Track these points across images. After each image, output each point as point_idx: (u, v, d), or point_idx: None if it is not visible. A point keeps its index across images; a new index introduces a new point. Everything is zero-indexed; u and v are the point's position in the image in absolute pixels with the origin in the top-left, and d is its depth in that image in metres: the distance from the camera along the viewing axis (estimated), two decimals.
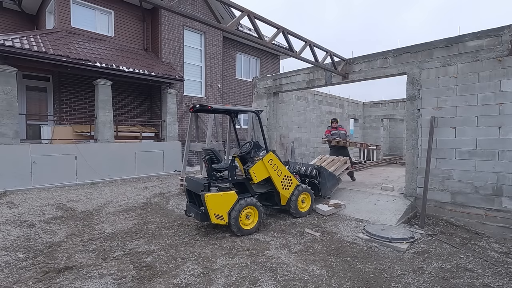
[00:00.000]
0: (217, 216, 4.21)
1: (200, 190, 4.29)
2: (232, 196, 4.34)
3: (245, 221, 4.44)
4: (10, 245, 4.01)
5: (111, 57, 9.88)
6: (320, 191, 5.88)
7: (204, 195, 4.13)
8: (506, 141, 4.69)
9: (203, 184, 4.31)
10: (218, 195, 4.23)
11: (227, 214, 4.27)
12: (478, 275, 3.32)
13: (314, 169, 5.97)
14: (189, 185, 4.77)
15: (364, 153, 15.20)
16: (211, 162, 4.70)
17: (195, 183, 4.53)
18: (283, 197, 5.10)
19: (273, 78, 8.75)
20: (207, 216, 4.18)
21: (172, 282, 3.07)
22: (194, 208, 4.48)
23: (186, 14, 3.83)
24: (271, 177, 4.89)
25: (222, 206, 4.24)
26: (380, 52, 6.26)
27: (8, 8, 11.63)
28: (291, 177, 5.16)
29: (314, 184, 5.86)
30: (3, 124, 7.47)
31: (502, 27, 4.72)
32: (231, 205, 4.29)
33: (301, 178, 5.90)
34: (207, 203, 4.12)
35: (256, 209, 4.53)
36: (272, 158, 4.90)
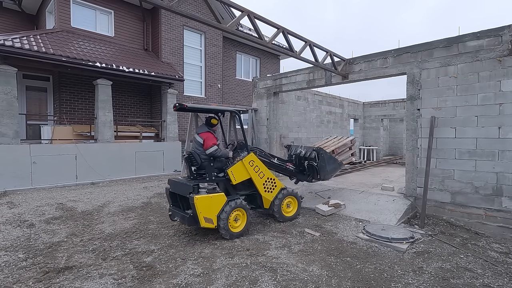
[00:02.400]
0: (206, 219, 4.03)
1: (189, 192, 4.08)
2: (221, 198, 4.18)
3: (233, 223, 4.30)
4: (10, 245, 4.01)
5: (111, 57, 9.88)
6: (319, 174, 5.62)
7: (194, 197, 3.92)
8: (506, 141, 4.69)
9: (192, 186, 4.09)
10: (208, 197, 4.05)
11: (216, 217, 4.11)
12: (478, 275, 3.32)
13: (313, 151, 5.67)
14: (173, 187, 4.55)
15: (364, 153, 15.22)
16: (191, 163, 4.55)
17: (181, 185, 4.33)
18: (265, 200, 4.92)
19: (273, 78, 8.75)
20: (196, 219, 4.01)
21: (172, 282, 3.07)
22: (179, 212, 4.34)
23: (186, 14, 3.83)
24: (252, 179, 4.70)
25: (211, 208, 4.06)
26: (380, 52, 6.26)
27: (8, 8, 11.62)
28: (275, 179, 5.00)
29: (313, 167, 5.61)
30: (3, 124, 7.47)
31: (502, 27, 4.73)
32: (220, 207, 4.13)
33: (300, 162, 5.74)
34: (196, 206, 3.92)
35: (245, 211, 4.42)
36: (253, 159, 4.70)
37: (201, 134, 4.64)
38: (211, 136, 4.63)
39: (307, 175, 5.74)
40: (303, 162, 5.72)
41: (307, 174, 5.73)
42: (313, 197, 6.58)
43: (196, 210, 3.94)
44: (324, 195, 6.58)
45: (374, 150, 15.08)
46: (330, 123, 13.15)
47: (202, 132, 4.67)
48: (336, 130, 13.56)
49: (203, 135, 4.62)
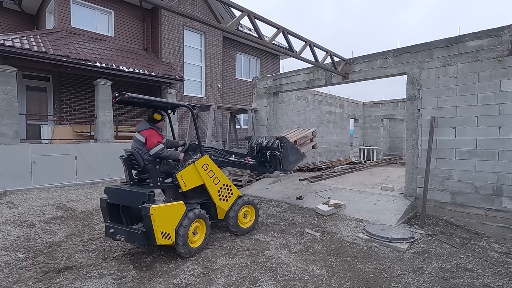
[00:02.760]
0: (164, 234, 3.33)
1: (141, 202, 3.35)
2: (180, 208, 3.55)
3: (192, 237, 3.70)
4: (10, 245, 4.01)
5: (111, 57, 9.88)
6: (282, 165, 5.22)
7: (150, 208, 3.22)
8: (506, 141, 4.69)
9: (146, 194, 3.37)
10: (166, 208, 3.39)
11: (174, 231, 3.45)
12: (478, 275, 3.32)
13: (276, 139, 5.27)
14: (114, 197, 3.68)
15: (364, 153, 15.22)
16: (131, 166, 3.91)
17: (128, 194, 3.55)
18: (220, 210, 4.31)
19: (273, 78, 8.75)
20: (151, 236, 3.29)
21: (172, 282, 3.07)
22: (124, 228, 3.56)
23: (186, 14, 3.83)
24: (206, 185, 4.12)
25: (169, 221, 3.42)
26: (380, 52, 6.26)
27: (8, 8, 11.62)
28: (231, 186, 4.42)
29: (275, 157, 5.20)
30: (3, 124, 7.47)
31: (502, 27, 4.73)
32: (179, 219, 3.51)
33: (261, 153, 5.31)
34: (153, 219, 3.22)
35: (204, 222, 3.86)
36: (207, 163, 4.13)
37: (142, 132, 3.97)
38: (155, 133, 3.99)
39: (269, 166, 5.28)
40: (264, 152, 5.28)
41: (268, 165, 5.28)
42: (313, 197, 6.58)
43: (152, 224, 3.23)
44: (324, 195, 6.58)
45: (374, 150, 15.08)
46: (330, 123, 13.16)
47: (144, 129, 3.98)
48: (336, 130, 13.57)
49: (145, 132, 3.95)
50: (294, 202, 6.46)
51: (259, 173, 5.56)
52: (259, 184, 8.10)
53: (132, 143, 4.01)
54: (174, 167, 4.11)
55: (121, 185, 3.94)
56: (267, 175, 8.66)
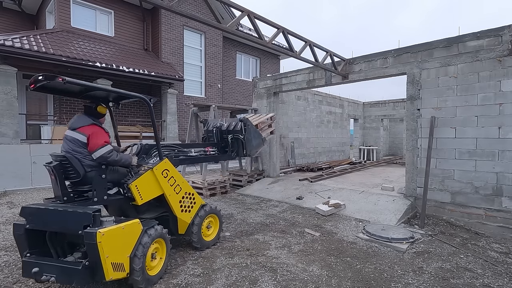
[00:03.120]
0: (116, 266, 2.54)
1: (83, 226, 2.48)
2: (136, 228, 2.79)
3: (150, 263, 2.99)
4: (10, 245, 4.01)
5: (111, 57, 9.88)
6: (245, 149, 4.73)
7: (97, 233, 2.40)
8: (506, 141, 4.69)
9: (90, 215, 2.50)
10: (118, 230, 2.59)
11: (129, 259, 2.68)
12: (478, 275, 3.32)
13: (240, 121, 4.74)
14: (36, 221, 2.64)
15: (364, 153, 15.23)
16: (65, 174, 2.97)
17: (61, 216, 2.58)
18: (181, 223, 3.64)
19: (273, 78, 8.75)
20: (96, 270, 2.47)
21: (172, 282, 3.07)
22: (54, 263, 2.56)
23: (186, 14, 3.83)
24: (166, 195, 3.43)
25: (122, 247, 2.63)
26: (380, 52, 6.26)
27: (8, 8, 11.62)
28: (194, 194, 3.78)
29: (238, 141, 4.71)
30: (3, 124, 7.47)
31: (502, 27, 4.73)
32: (135, 242, 2.75)
33: (221, 137, 4.79)
34: (101, 248, 2.41)
35: (165, 242, 3.19)
36: (168, 168, 3.46)
37: (82, 129, 3.07)
38: (100, 130, 3.19)
39: (230, 151, 4.77)
40: (225, 136, 4.76)
41: (230, 150, 4.76)
42: (313, 197, 6.59)
43: (100, 255, 2.42)
44: (324, 195, 6.58)
45: (374, 150, 15.08)
46: (330, 123, 13.16)
47: (84, 126, 3.09)
48: (336, 130, 13.57)
49: (86, 129, 3.07)
50: (294, 202, 6.46)
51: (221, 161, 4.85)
52: (259, 184, 8.10)
53: (63, 145, 3.11)
54: (125, 175, 3.31)
55: (47, 202, 2.96)
56: (267, 175, 8.66)
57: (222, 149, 4.82)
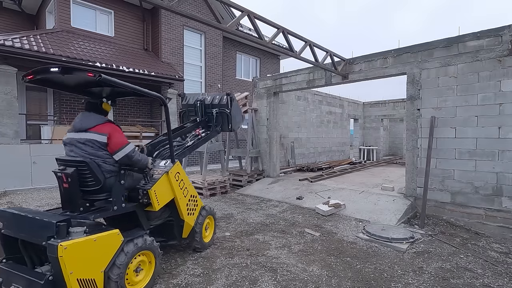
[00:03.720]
0: (84, 283, 2.29)
1: (47, 237, 2.23)
2: (115, 239, 2.53)
3: (133, 278, 2.72)
4: None
5: (111, 57, 9.88)
6: (231, 123, 4.49)
7: (58, 246, 2.13)
8: (506, 141, 4.69)
9: (54, 224, 2.23)
10: (89, 242, 2.33)
11: (102, 274, 2.42)
12: (478, 275, 3.32)
13: (227, 95, 4.48)
14: (10, 227, 2.49)
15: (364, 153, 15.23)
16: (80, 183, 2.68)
17: (28, 223, 2.39)
18: (187, 227, 3.51)
19: (273, 78, 8.75)
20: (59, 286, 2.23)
21: (172, 282, 3.07)
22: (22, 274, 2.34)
23: (186, 14, 3.83)
24: (176, 199, 3.31)
25: (94, 261, 2.38)
26: (380, 52, 6.26)
27: (8, 8, 11.62)
28: (196, 196, 3.71)
29: (223, 115, 4.43)
30: (3, 124, 7.46)
31: (502, 27, 4.73)
32: (112, 255, 2.49)
33: (205, 111, 4.47)
34: (62, 262, 2.15)
35: (153, 255, 2.90)
36: (179, 171, 3.39)
37: (96, 128, 2.76)
38: (118, 128, 2.92)
39: (213, 126, 4.46)
40: (210, 111, 4.47)
41: (214, 125, 4.45)
42: (313, 197, 6.59)
43: (61, 270, 2.16)
44: (324, 195, 6.58)
45: (374, 150, 15.08)
46: (330, 123, 13.16)
47: (99, 125, 2.78)
48: (336, 130, 13.58)
49: (102, 128, 2.78)
50: (294, 202, 6.46)
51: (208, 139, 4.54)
52: (259, 184, 8.10)
53: (72, 149, 2.77)
54: (139, 179, 3.11)
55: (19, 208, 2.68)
56: (267, 175, 8.66)
57: (205, 124, 4.50)
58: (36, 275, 2.30)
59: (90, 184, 2.70)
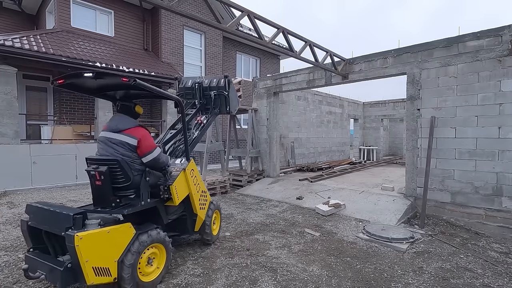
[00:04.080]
0: (99, 270, 2.49)
1: (65, 228, 2.44)
2: (126, 232, 2.72)
3: (145, 269, 2.88)
4: (10, 245, 4.01)
5: (111, 57, 9.88)
6: (229, 105, 4.57)
7: (74, 236, 2.34)
8: (506, 141, 4.69)
9: (71, 217, 2.46)
10: (102, 233, 2.53)
11: (116, 264, 2.60)
12: (478, 275, 3.32)
13: (224, 77, 4.59)
14: (36, 219, 2.73)
15: (364, 153, 15.23)
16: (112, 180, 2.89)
17: (50, 216, 2.62)
18: (199, 221, 3.72)
19: (273, 78, 8.75)
20: (78, 273, 2.43)
21: (172, 282, 3.07)
22: (46, 262, 2.55)
23: (186, 14, 3.83)
24: (191, 194, 3.53)
25: (108, 251, 2.56)
26: (380, 52, 6.26)
27: (8, 8, 11.62)
28: (206, 192, 3.95)
29: (221, 97, 4.50)
30: (3, 124, 7.46)
31: (502, 27, 4.73)
32: (125, 246, 2.67)
33: (203, 94, 4.52)
34: (79, 251, 2.36)
35: (165, 247, 3.07)
36: (193, 168, 3.63)
37: (129, 131, 3.01)
38: (147, 132, 3.18)
39: (212, 108, 4.51)
40: (208, 93, 4.53)
41: (212, 107, 4.51)
42: (313, 197, 6.59)
43: (78, 258, 2.37)
44: (324, 195, 6.58)
45: (374, 150, 15.08)
46: (330, 123, 13.17)
47: (131, 128, 3.04)
48: (336, 130, 13.58)
49: (135, 132, 3.03)
50: (294, 202, 6.46)
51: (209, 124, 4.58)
52: (259, 184, 8.10)
53: (104, 147, 3.01)
54: (160, 176, 3.28)
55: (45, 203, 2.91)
56: (267, 175, 8.66)
57: (203, 107, 4.56)
58: (57, 263, 2.52)
59: (120, 181, 2.92)
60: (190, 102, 4.62)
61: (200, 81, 4.58)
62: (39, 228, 2.70)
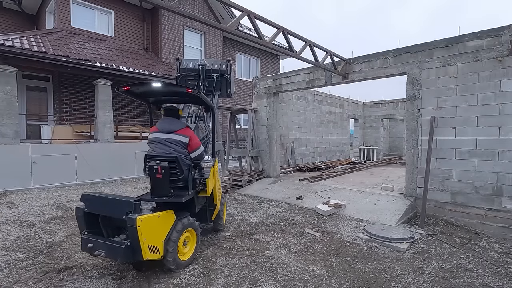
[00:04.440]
0: (152, 248, 2.95)
1: (126, 212, 2.92)
2: (170, 217, 3.21)
3: (182, 249, 3.37)
4: (10, 245, 4.01)
5: (111, 57, 9.88)
6: (229, 89, 4.84)
7: (136, 219, 2.81)
8: (506, 141, 4.69)
9: (132, 203, 2.96)
10: (155, 217, 3.00)
11: (163, 243, 3.07)
12: (478, 275, 3.32)
13: (227, 61, 4.87)
14: (92, 206, 3.15)
15: (364, 153, 15.23)
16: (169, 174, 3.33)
17: (110, 203, 3.09)
18: (216, 211, 4.23)
19: (273, 78, 8.75)
20: (136, 250, 2.87)
21: (172, 282, 3.07)
22: (104, 241, 3.02)
23: (186, 14, 3.83)
24: (214, 187, 4.00)
25: (158, 232, 3.04)
26: (380, 52, 6.26)
27: (8, 8, 11.63)
28: (220, 185, 4.48)
29: (223, 80, 4.79)
30: (3, 124, 7.46)
31: (502, 27, 4.73)
32: (168, 229, 3.15)
33: (206, 76, 4.77)
34: (139, 231, 2.80)
35: (195, 232, 3.56)
36: (215, 165, 4.12)
37: (180, 131, 3.55)
38: (193, 133, 3.78)
39: (213, 90, 4.77)
40: (210, 76, 4.78)
41: (213, 89, 4.76)
42: (313, 197, 6.59)
43: (138, 237, 2.81)
44: (324, 195, 6.58)
45: (374, 150, 15.08)
46: (330, 123, 13.16)
47: (182, 129, 3.59)
48: (336, 130, 13.58)
49: (185, 131, 3.59)
50: (294, 202, 6.46)
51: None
52: (259, 184, 8.10)
53: (157, 146, 3.50)
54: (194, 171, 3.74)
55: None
56: (267, 175, 8.66)
57: (206, 89, 4.72)
58: (118, 242, 2.97)
59: (175, 174, 3.38)
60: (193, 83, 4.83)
61: (202, 63, 4.78)
62: (95, 213, 3.13)
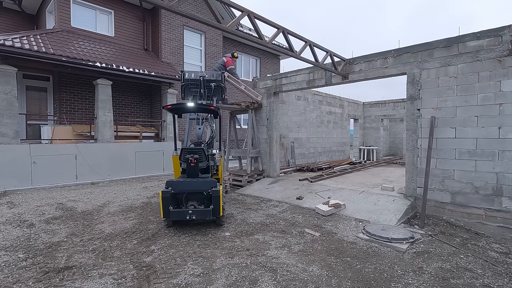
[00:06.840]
0: (223, 208, 4.69)
1: (210, 187, 4.56)
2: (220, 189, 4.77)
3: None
4: (10, 245, 4.01)
5: (111, 57, 9.89)
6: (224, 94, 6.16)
7: (219, 191, 4.51)
8: (506, 141, 4.69)
9: (215, 181, 4.69)
10: (221, 189, 4.65)
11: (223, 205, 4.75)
12: (478, 275, 3.32)
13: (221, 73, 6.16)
14: (179, 187, 4.59)
15: (364, 153, 15.23)
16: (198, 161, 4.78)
17: (198, 183, 4.64)
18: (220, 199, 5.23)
19: (273, 78, 8.75)
20: (216, 211, 4.51)
21: (172, 282, 3.07)
22: (195, 210, 4.49)
23: (186, 14, 3.83)
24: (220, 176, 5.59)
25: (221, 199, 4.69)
26: (380, 52, 6.26)
27: (8, 8, 11.63)
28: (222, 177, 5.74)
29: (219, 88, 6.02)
30: (3, 124, 7.47)
31: (502, 27, 4.73)
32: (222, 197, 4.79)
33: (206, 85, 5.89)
34: (220, 198, 4.53)
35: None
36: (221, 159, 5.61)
37: None
38: None
39: (211, 96, 5.98)
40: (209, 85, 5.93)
41: (212, 95, 5.96)
42: (313, 197, 6.59)
43: (219, 202, 4.51)
44: (324, 195, 6.58)
45: (374, 150, 15.08)
46: (330, 123, 13.16)
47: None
48: (336, 130, 13.58)
49: None
50: (294, 202, 6.46)
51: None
52: (259, 184, 8.10)
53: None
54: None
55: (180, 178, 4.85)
56: (267, 175, 8.66)
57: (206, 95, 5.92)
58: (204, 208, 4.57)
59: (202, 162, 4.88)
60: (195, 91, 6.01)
61: (202, 75, 5.95)
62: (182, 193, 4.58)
